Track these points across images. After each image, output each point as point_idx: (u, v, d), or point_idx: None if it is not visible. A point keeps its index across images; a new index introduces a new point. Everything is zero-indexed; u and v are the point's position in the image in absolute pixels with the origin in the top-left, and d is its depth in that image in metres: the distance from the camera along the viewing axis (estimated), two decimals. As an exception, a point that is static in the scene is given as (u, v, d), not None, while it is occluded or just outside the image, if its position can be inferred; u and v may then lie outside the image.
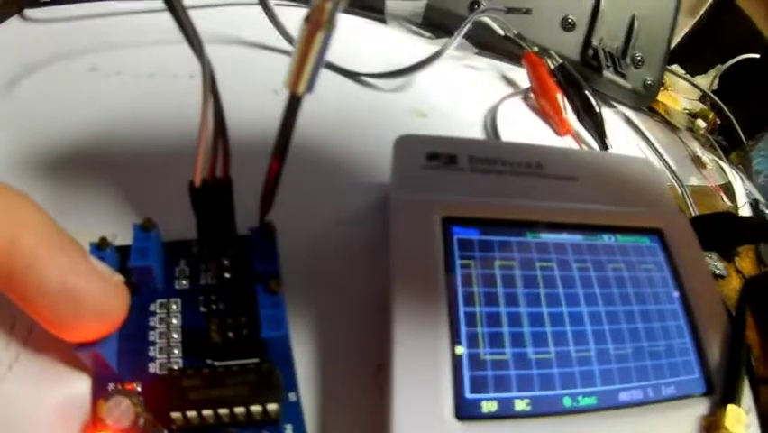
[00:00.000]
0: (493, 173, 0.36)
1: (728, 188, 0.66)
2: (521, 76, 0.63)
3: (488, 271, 0.31)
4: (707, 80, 0.83)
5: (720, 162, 0.71)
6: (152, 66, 0.46)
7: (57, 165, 0.36)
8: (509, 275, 0.31)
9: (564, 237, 0.33)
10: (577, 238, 0.34)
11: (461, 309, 0.29)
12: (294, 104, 0.24)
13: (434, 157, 0.36)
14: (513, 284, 0.31)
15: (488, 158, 0.37)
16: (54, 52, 0.44)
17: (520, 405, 0.27)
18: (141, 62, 0.46)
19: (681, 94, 0.81)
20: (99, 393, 0.26)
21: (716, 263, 0.51)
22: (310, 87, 0.23)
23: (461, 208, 0.33)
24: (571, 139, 0.57)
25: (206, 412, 0.25)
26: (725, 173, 0.69)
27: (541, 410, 0.27)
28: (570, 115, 0.57)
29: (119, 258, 0.30)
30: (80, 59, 0.44)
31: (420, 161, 0.36)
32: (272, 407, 0.26)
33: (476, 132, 0.53)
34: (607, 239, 0.34)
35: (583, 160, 0.40)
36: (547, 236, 0.33)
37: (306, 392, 0.29)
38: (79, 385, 0.27)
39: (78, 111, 0.40)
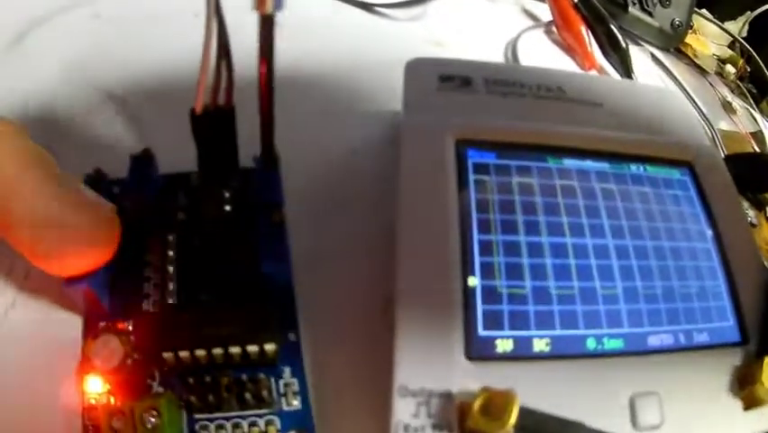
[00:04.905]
0: (511, 96, 0.34)
1: (759, 137, 0.63)
2: (542, 10, 0.60)
3: (505, 198, 0.28)
4: (736, 26, 0.80)
5: (750, 110, 0.68)
6: (155, 7, 0.45)
7: (59, 107, 0.36)
8: (529, 202, 0.29)
9: (589, 164, 0.31)
10: (603, 166, 0.31)
11: (476, 237, 0.27)
12: (267, 25, 0.24)
13: (447, 79, 0.33)
14: (533, 212, 0.28)
15: (505, 80, 0.34)
16: (56, 4, 0.43)
17: (539, 345, 0.25)
18: (144, 4, 0.45)
19: (709, 39, 0.78)
20: (90, 333, 0.26)
21: (747, 211, 0.48)
22: (278, 5, 0.23)
23: (477, 131, 0.31)
24: (596, 73, 0.54)
25: (199, 352, 0.24)
26: (756, 121, 0.66)
27: (562, 352, 0.25)
28: (594, 49, 0.55)
29: (115, 190, 0.29)
30: (82, 8, 0.43)
31: (433, 84, 0.33)
32: (270, 347, 0.25)
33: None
34: (635, 169, 0.32)
35: (609, 86, 0.38)
36: (570, 162, 0.31)
37: (307, 332, 0.28)
38: (76, 329, 0.27)
39: (83, 57, 0.40)
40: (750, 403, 0.26)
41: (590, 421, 0.23)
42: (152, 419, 0.23)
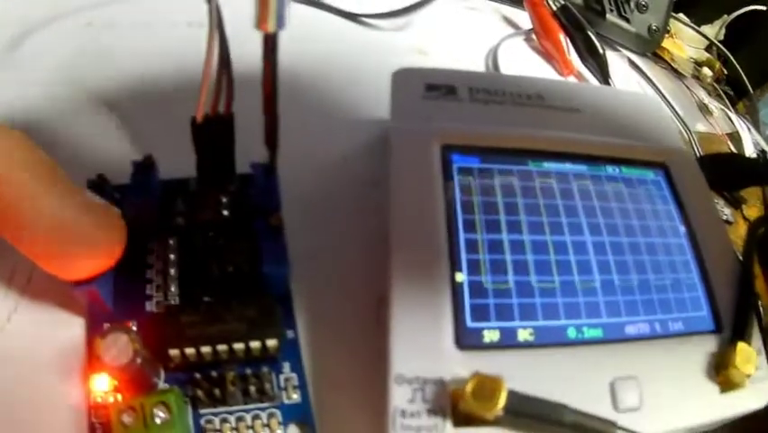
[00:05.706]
0: (493, 103, 0.35)
1: (735, 138, 0.64)
2: (522, 18, 0.61)
3: (489, 199, 0.30)
4: (713, 30, 0.81)
5: (727, 112, 0.69)
6: (148, 16, 0.45)
7: (58, 115, 0.36)
8: (511, 203, 0.30)
9: (567, 167, 0.33)
10: (580, 168, 0.33)
11: (462, 236, 0.28)
12: (270, 43, 0.24)
13: (432, 88, 0.35)
14: (515, 212, 0.30)
15: (488, 89, 0.36)
16: (49, 13, 0.43)
17: (523, 335, 0.27)
18: (136, 13, 0.45)
19: (686, 42, 0.79)
20: (95, 333, 0.26)
21: (723, 209, 0.50)
22: (281, 23, 0.23)
23: (461, 136, 0.32)
24: (574, 79, 0.55)
25: (205, 349, 0.25)
26: (732, 122, 0.67)
27: (545, 341, 0.27)
28: (572, 56, 0.56)
29: (117, 195, 0.29)
30: (75, 17, 0.44)
31: (419, 93, 0.35)
32: (271, 343, 0.26)
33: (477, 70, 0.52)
34: (611, 170, 0.33)
35: (587, 93, 0.39)
36: (550, 165, 0.32)
37: (305, 329, 0.29)
38: (78, 331, 0.27)
39: (77, 66, 0.40)
40: (726, 386, 0.27)
41: (574, 404, 0.24)
42: (162, 414, 0.23)
